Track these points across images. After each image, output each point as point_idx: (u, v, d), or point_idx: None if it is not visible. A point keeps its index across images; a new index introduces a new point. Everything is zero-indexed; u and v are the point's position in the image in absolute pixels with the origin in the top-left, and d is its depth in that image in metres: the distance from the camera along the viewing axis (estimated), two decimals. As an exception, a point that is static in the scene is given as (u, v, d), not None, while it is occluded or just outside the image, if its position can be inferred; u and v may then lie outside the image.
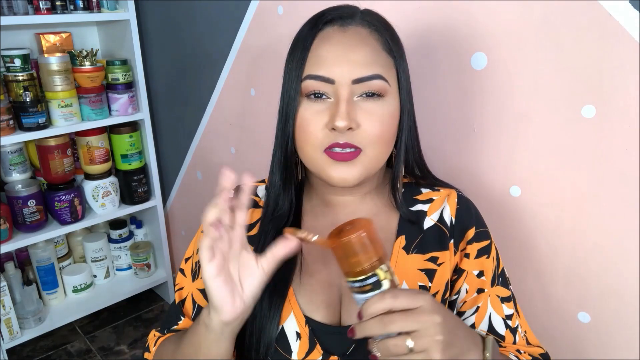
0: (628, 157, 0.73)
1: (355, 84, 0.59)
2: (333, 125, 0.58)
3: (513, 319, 0.68)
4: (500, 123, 0.87)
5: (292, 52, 0.63)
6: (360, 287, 0.51)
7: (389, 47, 0.62)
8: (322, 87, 0.59)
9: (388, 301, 0.48)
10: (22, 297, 1.76)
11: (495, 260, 0.69)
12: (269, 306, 0.64)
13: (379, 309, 0.48)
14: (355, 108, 0.59)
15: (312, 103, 0.60)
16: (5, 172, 1.72)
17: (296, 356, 0.63)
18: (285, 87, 0.63)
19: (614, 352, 0.83)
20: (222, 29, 1.44)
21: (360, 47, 0.60)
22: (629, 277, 0.77)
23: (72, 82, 1.66)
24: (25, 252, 1.87)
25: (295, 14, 1.19)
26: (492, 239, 0.69)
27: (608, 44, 0.71)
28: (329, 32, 0.61)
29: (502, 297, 0.68)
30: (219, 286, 0.52)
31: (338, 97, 0.59)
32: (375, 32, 0.62)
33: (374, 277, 0.51)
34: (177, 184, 1.98)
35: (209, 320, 0.55)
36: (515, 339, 0.67)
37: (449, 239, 0.67)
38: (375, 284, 0.51)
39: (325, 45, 0.60)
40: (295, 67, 0.61)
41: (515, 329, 0.68)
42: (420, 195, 0.71)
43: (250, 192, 0.54)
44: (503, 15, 0.81)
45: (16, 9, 1.54)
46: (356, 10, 0.63)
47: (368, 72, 0.59)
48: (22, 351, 1.87)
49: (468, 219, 0.68)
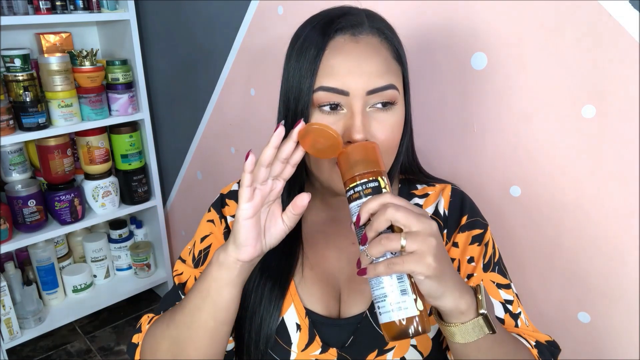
0: (628, 157, 0.73)
1: (369, 95, 0.58)
2: (350, 138, 0.58)
3: (514, 305, 0.66)
4: (500, 123, 0.87)
5: (298, 57, 0.61)
6: (361, 191, 0.52)
7: (398, 54, 0.63)
8: (336, 98, 0.59)
9: (388, 197, 0.49)
10: (22, 297, 1.76)
11: (491, 248, 0.68)
12: (270, 298, 0.65)
13: (379, 202, 0.49)
14: (369, 119, 0.59)
15: (325, 115, 0.60)
16: (5, 172, 1.72)
17: (296, 348, 0.64)
18: (291, 94, 0.61)
19: (614, 352, 0.83)
20: (222, 29, 1.44)
21: (374, 58, 0.59)
22: (629, 277, 0.78)
23: (72, 82, 1.66)
24: (25, 252, 1.87)
25: (295, 14, 1.19)
26: (487, 229, 0.69)
27: (608, 44, 0.71)
28: (340, 42, 0.60)
29: (499, 284, 0.66)
30: (249, 226, 0.55)
31: (352, 109, 0.58)
32: (386, 41, 0.62)
33: (375, 182, 0.52)
34: (177, 184, 1.98)
35: (225, 257, 0.57)
36: (517, 323, 0.65)
37: (442, 229, 0.68)
38: (376, 189, 0.52)
39: (339, 56, 0.59)
40: (305, 76, 0.60)
41: (516, 315, 0.65)
42: (416, 191, 0.72)
43: (295, 166, 0.58)
44: (503, 15, 0.81)
45: (16, 9, 1.54)
46: (363, 16, 0.62)
47: (382, 82, 0.59)
48: (22, 351, 1.88)
49: (461, 209, 0.69)
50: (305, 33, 0.62)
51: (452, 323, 0.51)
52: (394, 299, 0.49)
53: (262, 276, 0.66)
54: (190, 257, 0.73)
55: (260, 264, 0.66)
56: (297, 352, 0.64)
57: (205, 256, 0.72)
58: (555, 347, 0.66)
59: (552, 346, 0.66)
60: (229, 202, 0.74)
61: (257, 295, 0.65)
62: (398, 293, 0.49)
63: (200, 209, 0.53)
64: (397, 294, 0.49)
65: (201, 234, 0.74)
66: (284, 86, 0.63)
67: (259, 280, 0.66)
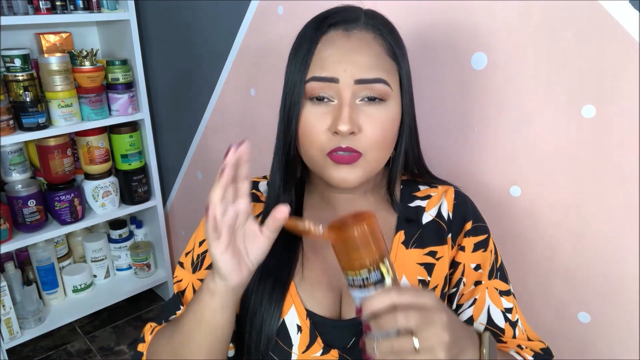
0: (628, 157, 0.73)
1: (358, 85, 0.59)
2: (336, 129, 0.58)
3: (513, 312, 0.68)
4: (500, 123, 0.87)
5: (294, 54, 0.63)
6: (362, 283, 0.50)
7: (393, 51, 0.63)
8: (326, 88, 0.59)
9: (394, 296, 0.47)
10: (22, 297, 1.76)
11: (493, 254, 0.69)
12: (270, 299, 0.64)
13: (385, 304, 0.47)
14: (358, 112, 0.59)
15: (315, 106, 0.61)
16: (5, 172, 1.71)
17: (297, 349, 0.64)
18: (287, 88, 0.63)
19: (614, 352, 0.83)
20: (222, 29, 1.44)
21: (364, 52, 0.60)
22: (629, 277, 0.77)
23: (72, 82, 1.66)
24: (25, 252, 1.87)
25: (295, 14, 1.19)
26: (490, 234, 0.70)
27: (608, 44, 0.71)
28: (332, 36, 0.61)
29: (501, 291, 0.68)
30: (227, 259, 0.53)
31: (341, 99, 0.59)
32: (380, 37, 0.62)
33: (377, 273, 0.49)
34: (177, 184, 1.98)
35: (214, 286, 0.56)
36: (515, 332, 0.67)
37: (446, 233, 0.68)
38: (379, 281, 0.49)
39: (329, 48, 0.60)
40: (298, 70, 0.61)
41: (515, 322, 0.67)
42: (418, 192, 0.72)
43: (249, 178, 0.55)
44: (503, 15, 0.81)
45: (16, 9, 1.54)
46: (360, 14, 0.63)
47: (371, 74, 0.59)
48: (22, 351, 1.88)
49: (465, 213, 0.69)
50: (302, 32, 0.64)
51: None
52: None
53: (262, 277, 0.66)
54: (189, 262, 0.73)
55: (261, 265, 0.66)
56: (298, 354, 0.64)
57: (202, 260, 0.72)
58: (549, 355, 0.67)
59: (547, 354, 0.67)
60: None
61: (257, 296, 0.65)
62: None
63: (200, 209, 0.53)
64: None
65: (200, 237, 0.74)
66: (284, 84, 0.64)
67: (259, 281, 0.66)
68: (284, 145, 0.65)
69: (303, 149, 0.63)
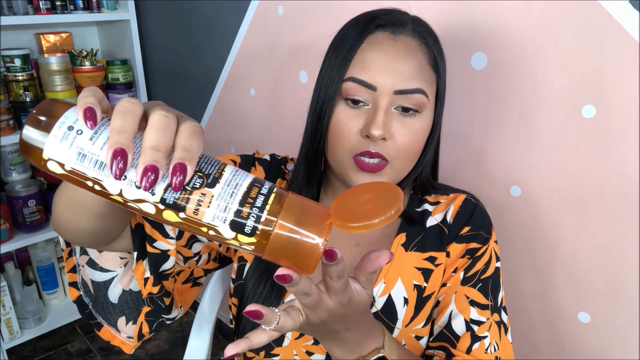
0: (628, 157, 0.73)
1: (397, 95, 0.58)
2: (368, 132, 0.58)
3: (482, 328, 0.62)
4: (500, 123, 0.87)
5: (335, 49, 0.62)
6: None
7: (435, 62, 0.62)
8: (363, 92, 0.59)
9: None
10: (22, 297, 1.76)
11: (482, 265, 0.65)
12: (270, 299, 0.65)
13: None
14: (392, 118, 0.59)
15: (349, 107, 0.60)
16: (5, 172, 1.71)
17: (290, 335, 0.66)
18: (322, 82, 0.62)
19: (614, 352, 0.83)
20: (222, 29, 1.44)
21: (408, 59, 0.59)
22: (629, 277, 0.77)
23: (72, 82, 1.66)
24: (25, 252, 1.87)
25: (295, 14, 1.19)
26: (488, 246, 0.67)
27: (608, 44, 0.71)
28: (378, 38, 0.60)
29: (474, 301, 0.64)
30: None
31: (376, 105, 0.58)
32: (424, 46, 0.61)
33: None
34: (177, 184, 1.97)
35: None
36: (473, 346, 0.61)
37: (446, 238, 0.67)
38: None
39: (374, 50, 0.59)
40: (337, 66, 0.60)
41: (479, 337, 0.62)
42: (429, 197, 0.71)
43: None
44: (503, 15, 0.81)
45: (16, 9, 1.54)
46: (408, 19, 0.62)
47: (411, 85, 0.58)
48: (22, 351, 1.87)
49: (465, 219, 0.68)
50: (346, 28, 0.63)
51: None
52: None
53: (261, 276, 0.66)
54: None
55: (260, 265, 0.66)
56: (291, 340, 0.65)
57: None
58: None
59: None
60: (257, 166, 0.73)
61: (255, 295, 0.66)
62: None
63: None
64: None
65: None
66: (318, 77, 0.63)
67: (258, 281, 0.66)
68: (312, 139, 0.64)
69: (330, 147, 0.62)
